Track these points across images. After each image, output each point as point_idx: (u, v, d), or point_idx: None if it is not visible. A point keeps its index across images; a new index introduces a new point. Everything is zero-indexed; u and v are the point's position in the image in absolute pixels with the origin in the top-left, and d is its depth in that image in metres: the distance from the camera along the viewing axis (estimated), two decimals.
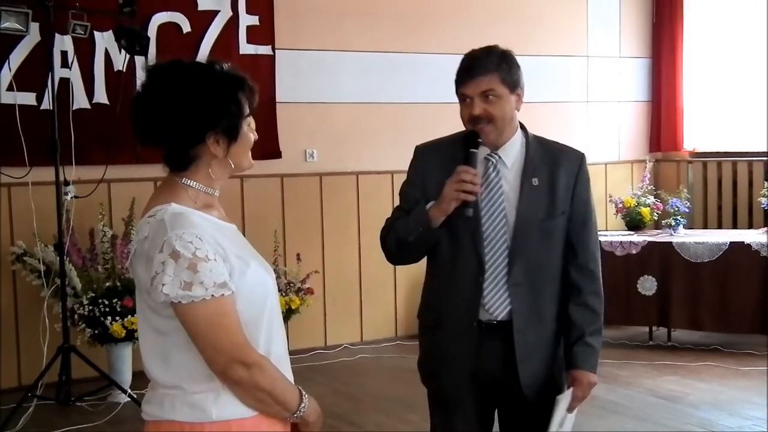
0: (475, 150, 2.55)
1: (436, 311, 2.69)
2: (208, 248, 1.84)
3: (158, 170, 2.02)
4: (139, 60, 5.61)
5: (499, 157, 2.62)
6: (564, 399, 2.58)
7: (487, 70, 2.54)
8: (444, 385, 2.70)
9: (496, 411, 2.76)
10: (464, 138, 2.58)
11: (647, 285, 6.27)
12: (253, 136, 2.01)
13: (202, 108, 1.91)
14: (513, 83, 2.58)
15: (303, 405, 1.97)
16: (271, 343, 1.97)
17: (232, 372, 1.86)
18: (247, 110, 1.97)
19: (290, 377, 2.00)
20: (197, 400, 1.89)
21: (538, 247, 2.60)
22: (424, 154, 2.73)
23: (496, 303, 2.59)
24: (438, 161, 2.65)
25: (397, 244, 2.64)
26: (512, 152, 2.64)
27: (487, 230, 2.59)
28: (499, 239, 2.59)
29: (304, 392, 2.00)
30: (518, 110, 2.63)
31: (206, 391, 1.89)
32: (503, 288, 2.59)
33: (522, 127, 2.69)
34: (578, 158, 2.70)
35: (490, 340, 2.60)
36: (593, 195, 2.79)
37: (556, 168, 2.64)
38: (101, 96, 5.67)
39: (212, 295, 1.83)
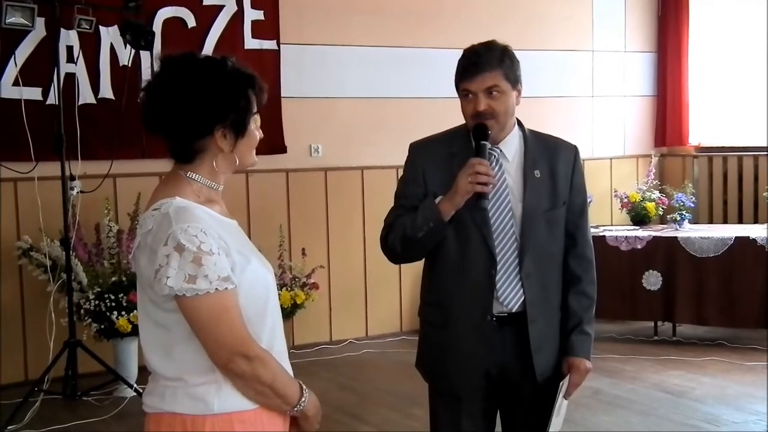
0: (486, 142, 2.57)
1: (443, 308, 2.67)
2: (212, 242, 1.85)
3: (164, 165, 2.03)
4: (144, 55, 5.62)
5: (501, 150, 2.64)
6: (564, 385, 2.63)
7: (492, 66, 2.55)
8: (454, 382, 2.67)
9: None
10: (474, 131, 2.58)
11: (652, 280, 6.27)
12: (258, 134, 2.02)
13: (211, 100, 1.92)
14: (515, 79, 2.60)
15: (303, 399, 1.98)
16: (274, 339, 1.98)
17: (234, 365, 1.87)
18: (255, 107, 1.99)
19: (290, 372, 2.01)
20: (199, 393, 1.90)
21: (544, 237, 2.63)
22: (421, 151, 2.72)
23: (510, 294, 2.60)
24: (436, 158, 2.66)
25: (403, 241, 2.62)
26: (512, 146, 2.66)
27: (495, 223, 2.60)
28: (507, 231, 2.60)
29: (304, 386, 2.01)
30: (517, 104, 2.65)
31: (208, 383, 1.90)
32: (515, 279, 2.60)
33: (518, 121, 2.71)
34: (573, 149, 2.75)
35: (502, 332, 2.61)
36: (599, 189, 2.82)
37: (554, 159, 2.68)
38: (107, 91, 5.68)
39: (216, 288, 1.84)
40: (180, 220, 1.86)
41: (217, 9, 6.02)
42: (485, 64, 2.54)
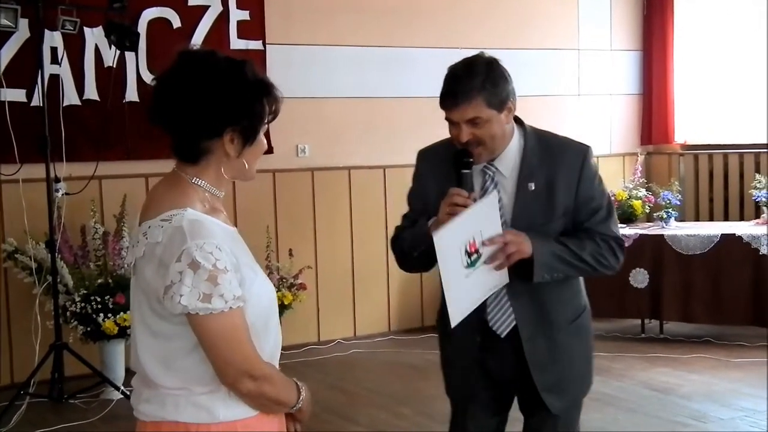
0: (467, 171, 2.46)
1: (446, 319, 2.64)
2: (226, 259, 1.81)
3: (150, 166, 2.01)
4: (129, 56, 5.59)
5: (496, 168, 2.55)
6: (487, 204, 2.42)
7: (470, 97, 2.39)
8: (451, 387, 2.78)
9: (516, 399, 2.78)
10: (454, 158, 2.48)
11: (639, 278, 6.29)
12: (264, 145, 1.97)
13: (228, 101, 1.86)
14: (499, 102, 2.44)
15: (301, 398, 1.98)
16: (275, 350, 1.98)
17: (241, 385, 1.85)
18: (267, 117, 1.93)
19: None
20: (204, 401, 1.88)
21: None
22: (424, 159, 2.69)
23: (500, 319, 2.59)
24: (436, 168, 2.61)
25: (402, 255, 2.63)
26: (509, 160, 2.55)
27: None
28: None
29: (300, 385, 2.00)
30: (509, 122, 2.52)
31: (213, 392, 1.88)
32: (504, 300, 2.57)
33: (519, 123, 2.59)
34: (581, 154, 2.58)
35: (498, 348, 2.62)
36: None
37: (555, 169, 2.54)
38: (91, 92, 5.65)
39: (230, 307, 1.80)
40: (195, 235, 1.80)
41: (203, 9, 6.00)
42: (462, 96, 2.39)
